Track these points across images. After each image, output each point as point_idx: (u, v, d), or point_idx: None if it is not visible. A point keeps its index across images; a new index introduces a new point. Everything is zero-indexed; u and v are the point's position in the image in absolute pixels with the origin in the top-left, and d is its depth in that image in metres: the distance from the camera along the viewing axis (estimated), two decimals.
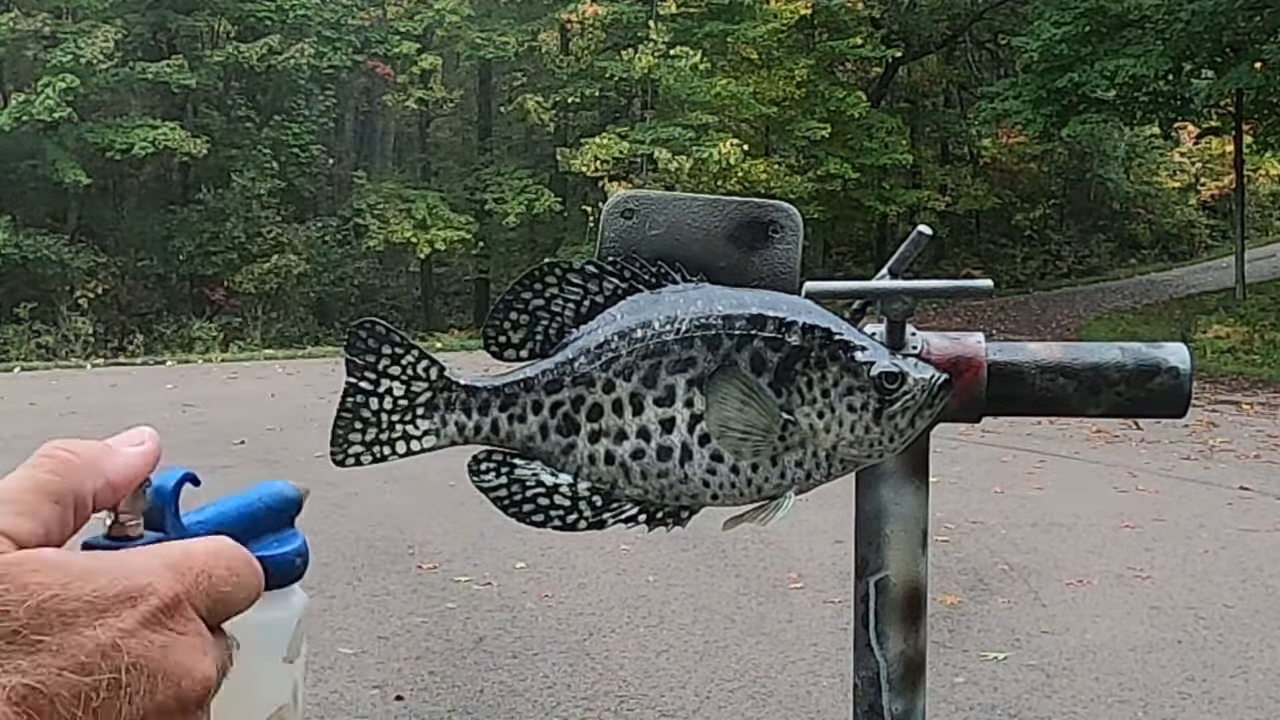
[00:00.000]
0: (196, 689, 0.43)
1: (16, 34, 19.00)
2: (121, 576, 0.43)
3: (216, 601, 0.45)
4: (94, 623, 0.41)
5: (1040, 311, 25.52)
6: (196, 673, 0.44)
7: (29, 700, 0.39)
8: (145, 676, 0.42)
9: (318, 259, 21.89)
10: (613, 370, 0.72)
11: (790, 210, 0.78)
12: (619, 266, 0.74)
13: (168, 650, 0.43)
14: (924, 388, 0.73)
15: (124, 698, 0.41)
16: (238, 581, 0.46)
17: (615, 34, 24.30)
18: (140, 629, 0.42)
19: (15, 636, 0.40)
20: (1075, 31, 20.31)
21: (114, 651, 0.41)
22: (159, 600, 0.43)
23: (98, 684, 0.41)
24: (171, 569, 0.44)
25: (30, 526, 0.44)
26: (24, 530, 0.44)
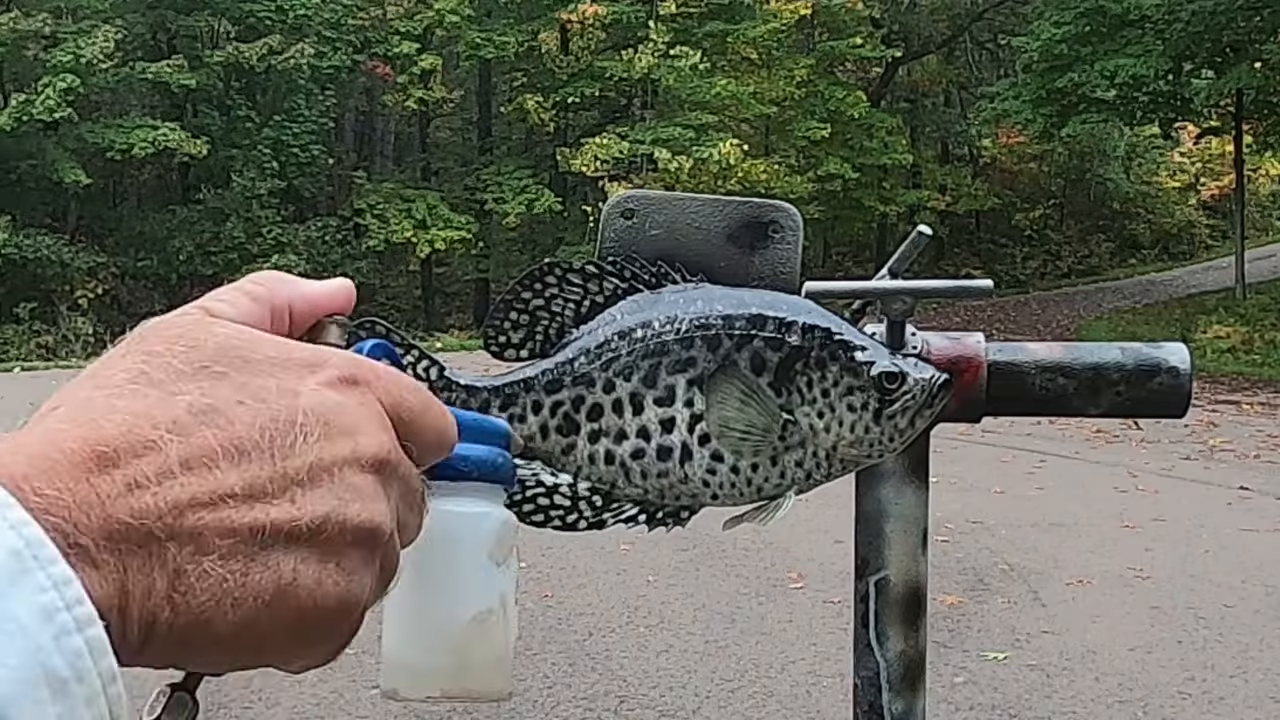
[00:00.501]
0: (373, 446, 0.44)
1: (16, 34, 18.99)
2: (306, 349, 0.45)
3: (399, 407, 0.46)
4: (275, 373, 0.43)
5: (1040, 311, 25.53)
6: (374, 434, 0.44)
7: (207, 415, 0.41)
8: (321, 423, 0.43)
9: (318, 259, 21.88)
10: (613, 370, 0.72)
11: (790, 210, 0.78)
12: (619, 266, 0.74)
13: (344, 408, 0.44)
14: (924, 388, 0.73)
15: (299, 433, 0.42)
16: (424, 405, 0.47)
17: (615, 34, 24.31)
18: (320, 387, 0.44)
19: (201, 367, 0.42)
20: (1075, 31, 20.31)
21: (292, 396, 0.43)
22: (338, 372, 0.45)
23: (275, 414, 0.42)
24: (353, 359, 0.46)
25: (230, 311, 0.47)
26: (224, 312, 0.47)
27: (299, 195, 22.76)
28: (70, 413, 0.40)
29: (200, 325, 0.44)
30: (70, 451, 0.38)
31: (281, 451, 0.42)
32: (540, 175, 23.89)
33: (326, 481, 0.42)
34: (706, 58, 22.74)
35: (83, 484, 0.38)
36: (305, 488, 0.42)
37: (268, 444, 0.41)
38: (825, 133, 24.67)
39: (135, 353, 0.43)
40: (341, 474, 0.43)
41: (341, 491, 0.43)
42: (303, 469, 0.42)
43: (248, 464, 0.41)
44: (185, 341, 0.43)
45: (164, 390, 0.41)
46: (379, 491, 0.44)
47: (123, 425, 0.40)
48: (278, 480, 0.41)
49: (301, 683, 4.34)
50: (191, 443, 0.40)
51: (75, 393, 0.42)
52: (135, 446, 0.39)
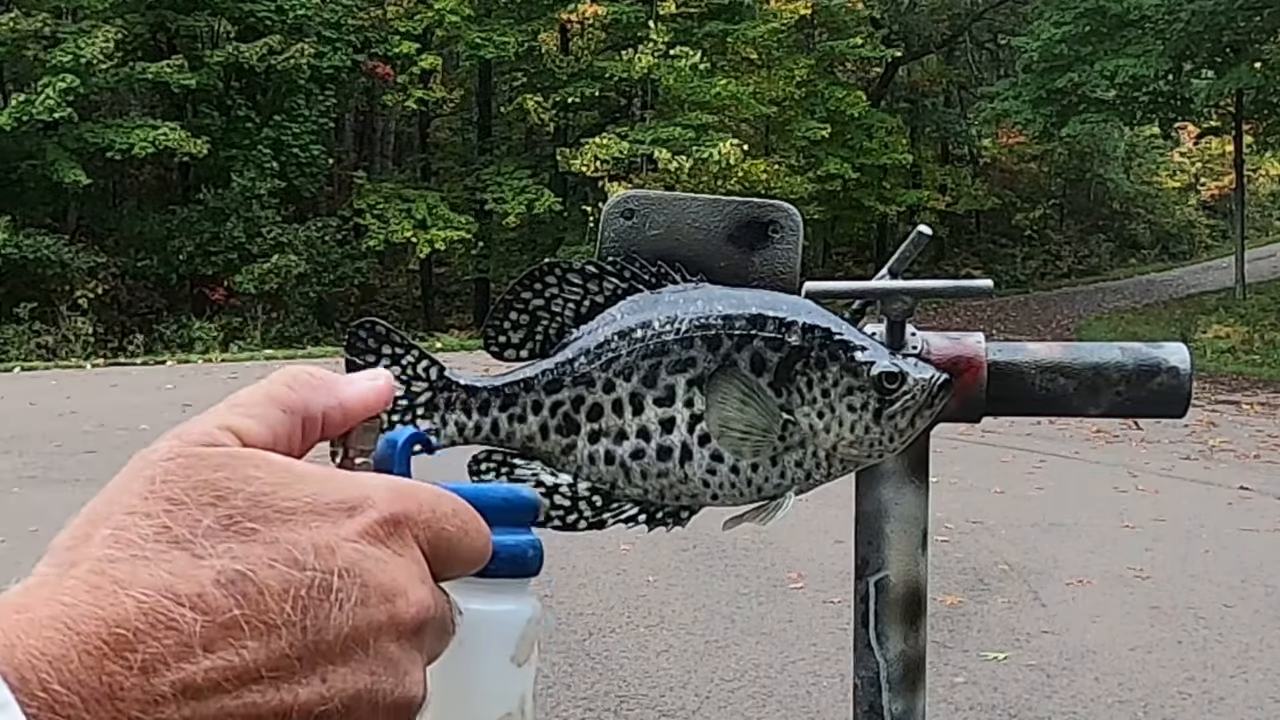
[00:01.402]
0: (411, 610, 0.41)
1: (16, 34, 18.99)
2: (344, 485, 0.42)
3: (438, 540, 0.43)
4: (310, 523, 0.40)
5: (1040, 311, 25.53)
6: (412, 595, 0.41)
7: (237, 585, 0.38)
8: (358, 585, 0.40)
9: (318, 259, 21.87)
10: (613, 370, 0.72)
11: (790, 210, 0.78)
12: (619, 266, 0.74)
13: (384, 565, 0.41)
14: (924, 388, 0.73)
15: (334, 601, 0.39)
16: (462, 529, 0.44)
17: (615, 34, 24.30)
18: (357, 538, 0.41)
19: (230, 522, 0.39)
20: (1075, 31, 20.32)
21: (328, 553, 0.40)
22: (378, 514, 0.41)
23: (309, 581, 0.39)
24: (395, 491, 0.43)
25: (258, 430, 0.43)
26: (251, 431, 0.43)
27: (299, 195, 22.75)
28: (88, 579, 0.37)
29: (230, 468, 0.40)
30: (86, 636, 0.36)
31: (314, 624, 0.39)
32: (540, 175, 23.88)
33: (359, 655, 0.40)
34: (706, 58, 22.72)
35: (95, 675, 0.35)
36: (337, 664, 0.39)
37: (299, 616, 0.38)
38: (825, 133, 24.67)
39: (159, 499, 0.40)
40: (377, 645, 0.40)
41: (375, 665, 0.40)
42: (336, 643, 0.39)
43: (277, 640, 0.38)
44: (212, 489, 0.40)
45: (189, 553, 0.38)
46: (415, 657, 0.42)
47: (144, 602, 0.37)
48: (308, 657, 0.38)
49: None
50: (217, 621, 0.37)
51: (94, 541, 0.39)
52: (156, 627, 0.36)
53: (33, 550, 2.66)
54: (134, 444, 1.62)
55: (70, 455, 8.75)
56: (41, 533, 6.39)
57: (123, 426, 10.04)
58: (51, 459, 8.61)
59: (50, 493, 7.47)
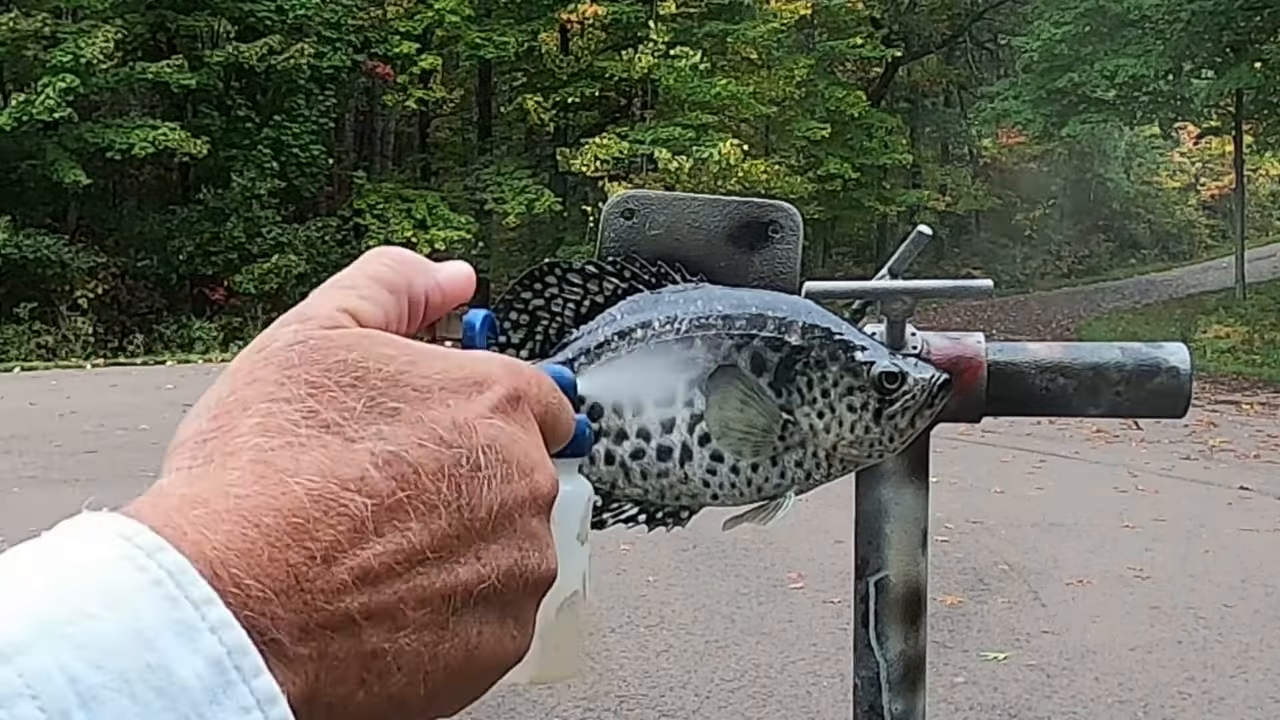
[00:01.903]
0: (546, 484, 0.42)
1: (16, 34, 18.98)
2: (466, 362, 0.42)
3: (546, 415, 0.44)
4: (446, 400, 0.40)
5: (1040, 311, 25.54)
6: (545, 468, 0.42)
7: (394, 466, 0.38)
8: (500, 460, 0.40)
9: (318, 259, 21.86)
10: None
11: (790, 210, 0.78)
12: (619, 266, 0.74)
13: (517, 440, 0.41)
14: (924, 388, 0.73)
15: (483, 478, 0.39)
16: (559, 402, 0.45)
17: (615, 34, 24.30)
18: (491, 414, 0.41)
19: (373, 403, 0.39)
20: (1075, 31, 20.32)
21: (470, 430, 0.40)
22: (504, 390, 0.42)
23: (458, 459, 0.39)
24: (511, 368, 0.43)
25: (373, 310, 0.44)
26: (367, 312, 0.43)
27: (299, 195, 22.74)
28: (252, 469, 0.37)
29: (362, 348, 0.40)
30: (266, 528, 0.35)
31: (468, 502, 0.39)
32: (540, 175, 23.88)
33: (508, 530, 0.40)
34: (706, 58, 22.73)
35: (281, 567, 0.35)
36: (489, 540, 0.39)
37: (454, 495, 0.39)
38: (825, 133, 24.68)
39: (297, 382, 0.39)
40: (522, 520, 0.41)
41: (522, 541, 0.41)
42: (488, 520, 0.39)
43: (436, 520, 0.38)
44: (350, 371, 0.39)
45: (342, 436, 0.38)
46: (548, 531, 0.42)
47: (313, 489, 0.36)
48: (465, 535, 0.39)
49: None
50: (383, 503, 0.37)
51: (241, 428, 0.38)
52: (329, 514, 0.36)
53: None
54: (134, 444, 1.64)
55: (70, 455, 8.74)
56: (41, 533, 6.37)
57: (123, 427, 10.03)
58: (51, 459, 8.61)
59: (50, 493, 7.46)
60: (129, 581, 0.33)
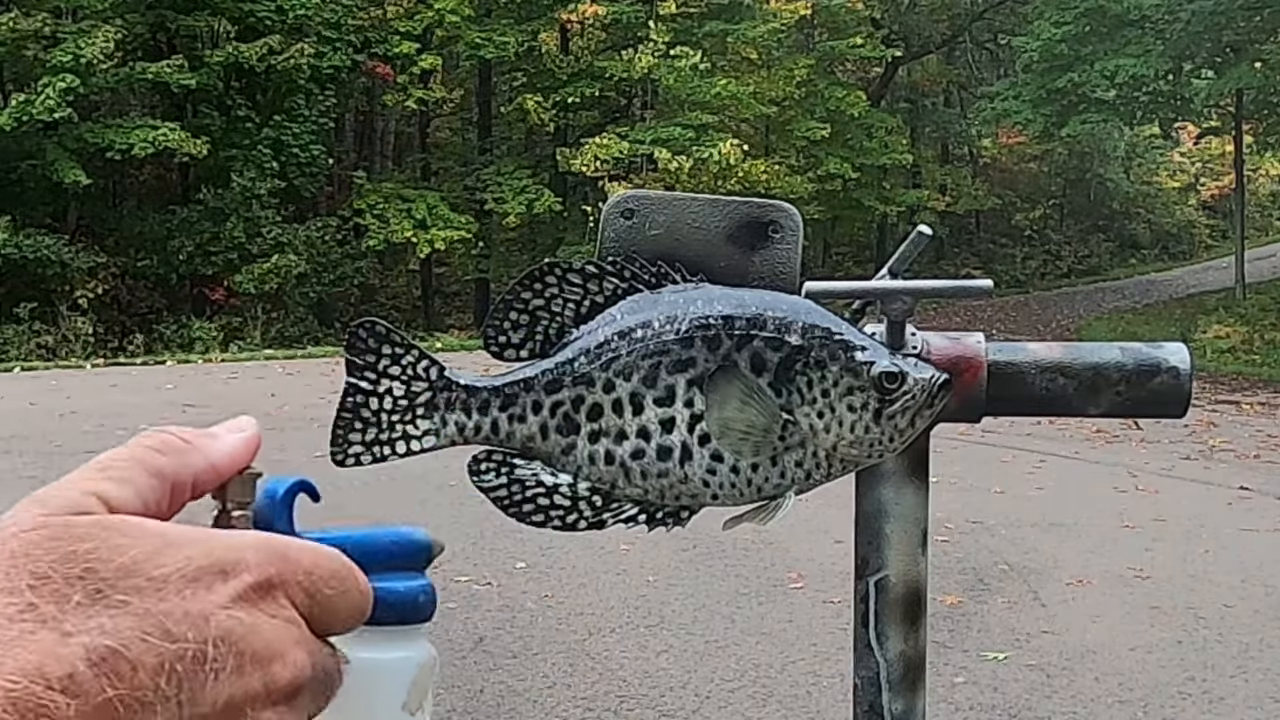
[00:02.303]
0: (285, 676, 0.41)
1: (16, 34, 18.98)
2: (216, 548, 0.41)
3: (315, 601, 0.43)
4: (183, 591, 0.39)
5: (1040, 311, 25.54)
6: (288, 658, 0.41)
7: (109, 662, 0.37)
8: (233, 654, 0.39)
9: (318, 259, 21.87)
10: (613, 370, 0.72)
11: (790, 210, 0.78)
12: (619, 266, 0.74)
13: (258, 630, 0.40)
14: (924, 388, 0.73)
15: (209, 672, 0.38)
16: (340, 588, 0.43)
17: (615, 34, 24.31)
18: (231, 604, 0.40)
19: (99, 596, 0.38)
20: (1075, 31, 20.32)
21: (202, 622, 0.39)
22: (252, 578, 0.41)
23: (183, 653, 0.38)
24: (268, 552, 0.42)
25: (126, 495, 0.42)
26: (119, 496, 0.42)
27: (299, 195, 22.74)
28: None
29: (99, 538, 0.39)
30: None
31: (190, 697, 0.38)
32: (540, 175, 23.88)
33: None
34: (706, 58, 22.73)
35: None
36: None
37: (174, 690, 0.38)
38: (825, 133, 24.67)
39: (21, 573, 0.38)
40: (255, 712, 0.40)
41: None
42: (211, 715, 0.38)
43: (152, 717, 0.37)
44: (80, 562, 0.38)
45: (58, 631, 0.37)
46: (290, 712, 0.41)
47: (13, 691, 0.35)
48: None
49: None
50: (90, 704, 0.36)
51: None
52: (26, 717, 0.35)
53: None
54: None
55: (70, 455, 8.74)
56: None
57: (123, 427, 10.03)
58: (51, 459, 8.60)
59: None
60: None
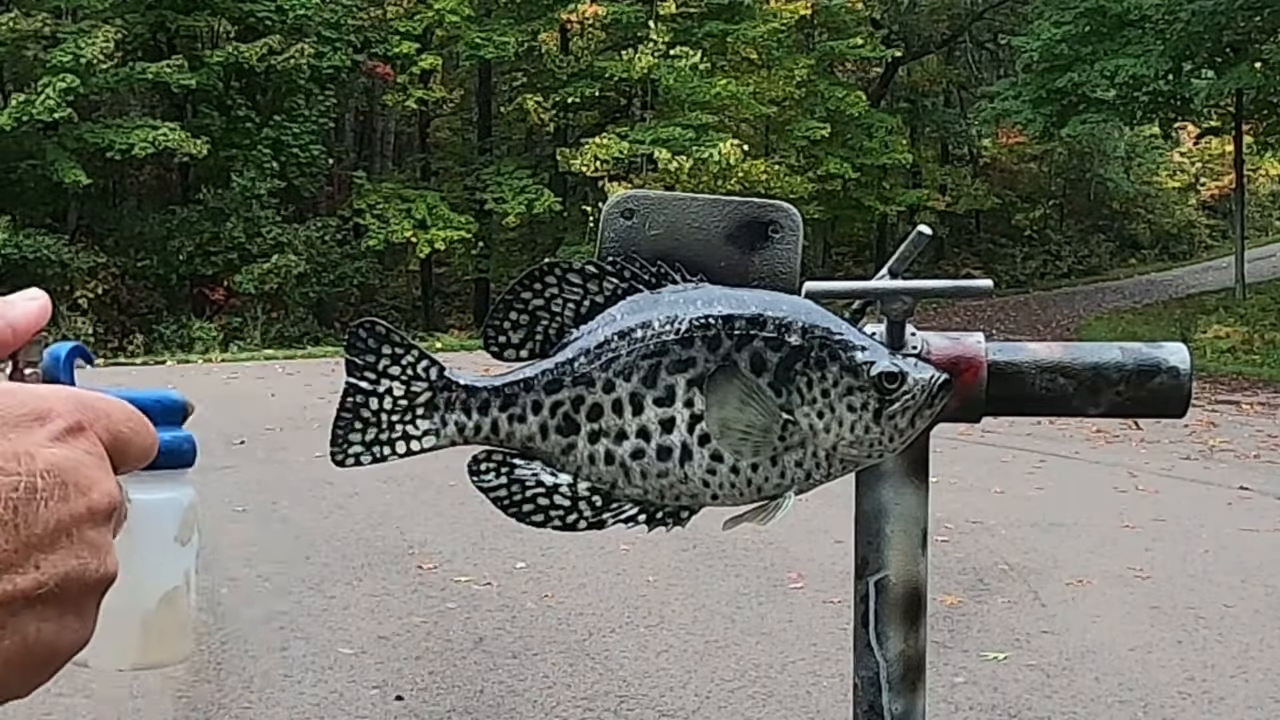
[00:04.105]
0: (104, 500, 0.46)
1: (16, 34, 18.98)
2: (28, 398, 0.46)
3: (116, 439, 0.48)
4: (6, 435, 0.44)
5: (1040, 311, 25.53)
6: (104, 485, 0.46)
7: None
8: (59, 483, 0.44)
9: (318, 259, 21.87)
10: (613, 370, 0.72)
11: (790, 210, 0.78)
12: (619, 266, 0.74)
13: (78, 464, 0.45)
14: (924, 388, 0.73)
15: (40, 500, 0.43)
16: (133, 428, 0.49)
17: (615, 34, 24.30)
18: (50, 442, 0.45)
19: None
20: (1075, 31, 20.31)
21: (28, 458, 0.44)
22: (65, 421, 0.46)
23: (15, 484, 0.43)
24: (74, 400, 0.47)
25: None
26: None
27: (299, 195, 22.74)
28: None
29: None
30: None
31: (25, 520, 0.43)
32: (540, 175, 23.88)
33: (65, 542, 0.44)
34: (706, 58, 22.73)
35: None
36: (47, 551, 0.43)
37: (10, 515, 0.42)
38: (825, 132, 24.67)
39: None
40: (79, 532, 0.44)
41: (80, 550, 0.44)
42: (45, 534, 0.43)
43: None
44: None
45: None
46: (109, 539, 0.46)
47: None
48: (21, 549, 0.43)
49: (301, 682, 4.35)
50: None
51: None
52: None
53: None
54: None
55: None
56: None
57: None
58: None
59: None
60: None
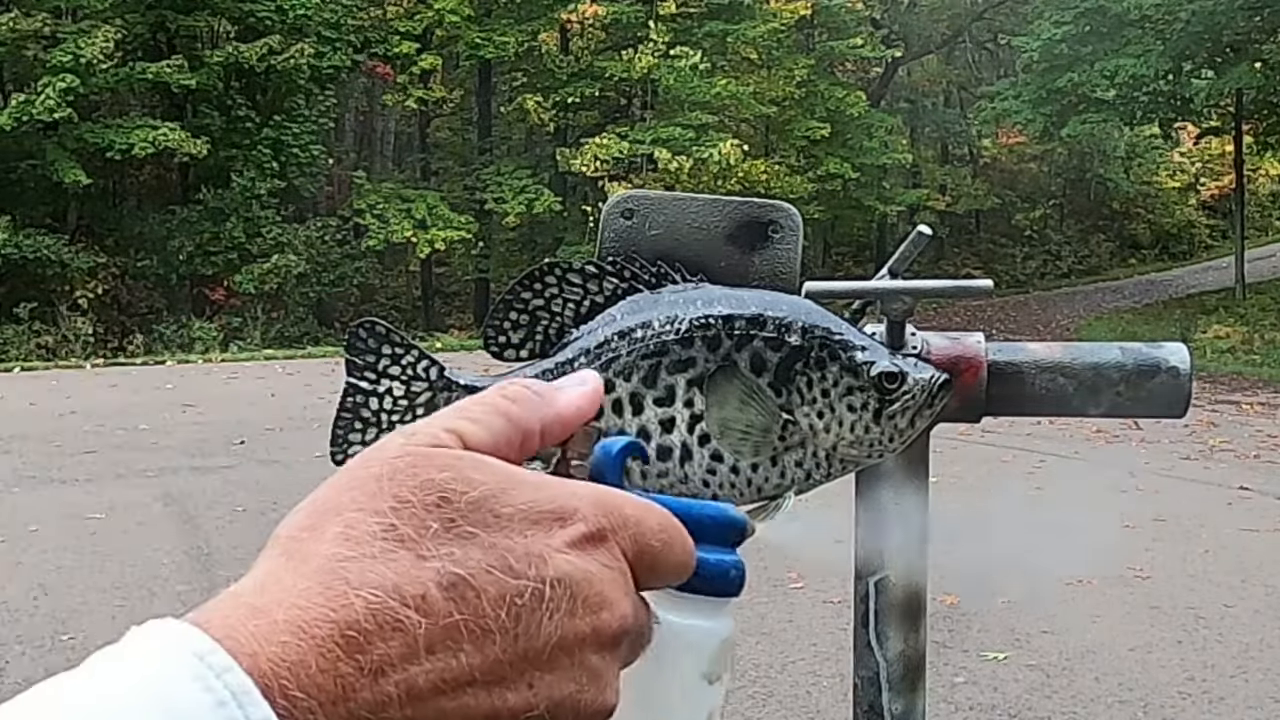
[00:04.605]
0: (614, 623, 0.43)
1: (16, 34, 18.97)
2: (557, 495, 0.43)
3: (642, 552, 0.45)
4: (525, 531, 0.42)
5: (1040, 311, 25.52)
6: (617, 607, 0.43)
7: (458, 589, 0.40)
8: (567, 595, 0.41)
9: (318, 259, 21.86)
10: (613, 370, 0.72)
11: (790, 210, 0.78)
12: (619, 266, 0.74)
13: (591, 577, 0.42)
14: (924, 388, 0.73)
15: (545, 610, 0.41)
16: (666, 544, 0.46)
17: (615, 34, 24.30)
18: (567, 548, 0.42)
19: (451, 525, 0.41)
20: (1075, 31, 20.31)
21: (541, 563, 0.41)
22: (586, 527, 0.43)
23: (522, 589, 0.41)
24: (601, 504, 0.44)
25: (481, 435, 0.45)
26: (475, 435, 0.45)
27: (299, 195, 22.74)
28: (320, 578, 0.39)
29: (454, 469, 0.42)
30: (320, 640, 0.38)
31: (526, 632, 0.40)
32: (540, 175, 23.87)
33: (565, 664, 0.41)
34: (706, 58, 22.72)
35: (330, 678, 0.37)
36: (544, 671, 0.41)
37: (512, 623, 0.40)
38: (825, 132, 24.67)
39: (386, 496, 0.41)
40: (582, 654, 0.42)
41: (578, 675, 0.42)
42: (544, 650, 0.41)
43: (491, 646, 0.40)
44: (437, 490, 0.41)
45: (415, 553, 0.40)
46: (614, 667, 0.43)
47: (373, 604, 0.39)
48: (518, 664, 0.40)
49: None
50: (439, 623, 0.39)
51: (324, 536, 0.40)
52: (384, 628, 0.38)
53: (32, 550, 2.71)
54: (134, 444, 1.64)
55: (70, 455, 8.74)
56: (41, 533, 6.37)
57: (122, 427, 10.02)
58: (51, 459, 8.60)
59: (50, 493, 7.46)
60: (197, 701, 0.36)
